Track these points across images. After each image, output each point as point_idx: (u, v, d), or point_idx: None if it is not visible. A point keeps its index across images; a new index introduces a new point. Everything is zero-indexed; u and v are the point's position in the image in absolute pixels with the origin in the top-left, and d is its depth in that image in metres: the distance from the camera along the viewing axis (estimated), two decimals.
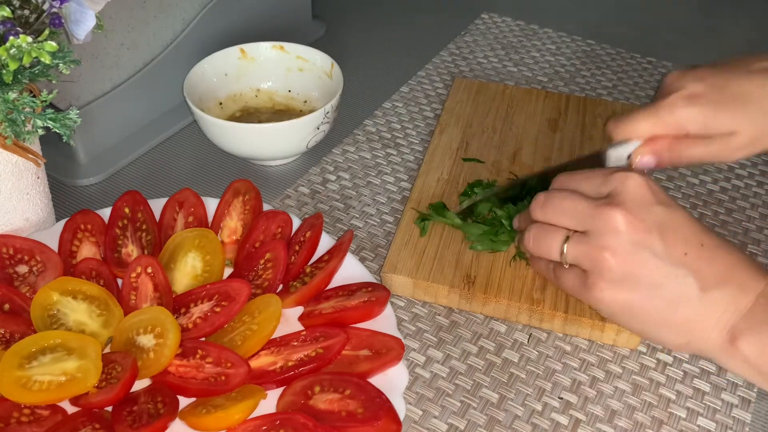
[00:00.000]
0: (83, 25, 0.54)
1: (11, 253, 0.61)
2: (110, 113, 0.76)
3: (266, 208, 0.68)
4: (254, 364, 0.55)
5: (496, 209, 0.67)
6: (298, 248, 0.64)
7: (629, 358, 0.61)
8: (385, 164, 0.79)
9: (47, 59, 0.51)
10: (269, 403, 0.53)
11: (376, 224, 0.72)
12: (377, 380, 0.54)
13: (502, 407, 0.57)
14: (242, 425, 0.51)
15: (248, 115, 0.81)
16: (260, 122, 0.79)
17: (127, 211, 0.66)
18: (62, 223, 0.65)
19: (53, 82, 0.56)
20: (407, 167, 0.78)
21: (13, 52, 0.50)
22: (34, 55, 0.51)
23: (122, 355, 0.55)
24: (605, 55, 0.97)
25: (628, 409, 0.57)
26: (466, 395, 0.58)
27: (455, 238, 0.67)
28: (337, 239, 0.65)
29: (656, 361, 0.60)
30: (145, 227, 0.65)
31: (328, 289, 0.61)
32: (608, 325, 0.60)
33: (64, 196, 0.74)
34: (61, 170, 0.76)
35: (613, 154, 0.62)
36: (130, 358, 0.54)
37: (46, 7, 0.54)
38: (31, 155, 0.60)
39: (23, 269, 0.61)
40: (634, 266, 0.51)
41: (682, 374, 0.60)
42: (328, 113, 0.73)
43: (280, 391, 0.54)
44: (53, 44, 0.51)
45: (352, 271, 0.62)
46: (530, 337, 0.62)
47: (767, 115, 0.57)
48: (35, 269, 0.61)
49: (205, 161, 0.79)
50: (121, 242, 0.64)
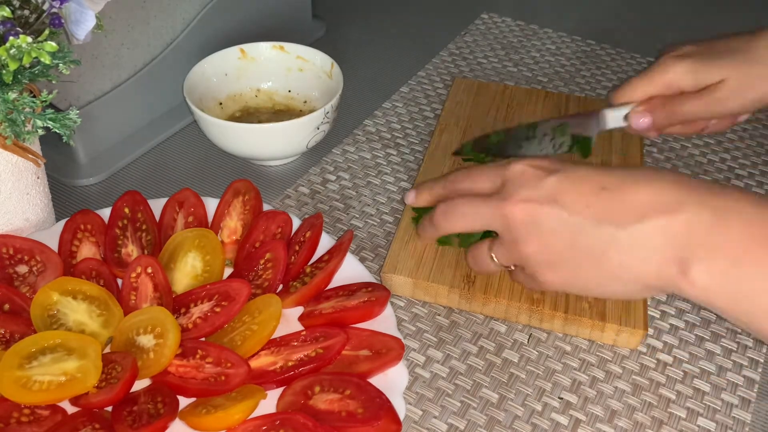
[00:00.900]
0: (83, 25, 0.54)
1: (11, 253, 0.61)
2: (110, 113, 0.76)
3: (266, 208, 0.68)
4: (254, 364, 0.55)
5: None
6: (298, 248, 0.64)
7: (629, 358, 0.61)
8: (385, 164, 0.79)
9: (47, 59, 0.51)
10: (269, 403, 0.53)
11: (376, 224, 0.72)
12: (377, 380, 0.54)
13: (502, 407, 0.57)
14: (242, 425, 0.51)
15: (248, 115, 0.81)
16: (260, 122, 0.79)
17: (127, 211, 0.66)
18: (62, 223, 0.65)
19: (53, 82, 0.56)
20: (407, 167, 0.78)
21: (13, 52, 0.50)
22: (34, 55, 0.51)
23: (122, 355, 0.55)
24: (605, 55, 0.97)
25: (628, 409, 0.57)
26: (466, 395, 0.58)
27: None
28: (337, 239, 0.65)
29: (656, 361, 0.60)
30: (145, 227, 0.65)
31: (328, 289, 0.61)
32: (608, 325, 0.60)
33: (64, 196, 0.74)
34: (61, 170, 0.76)
35: (609, 114, 0.64)
36: (130, 358, 0.54)
37: (46, 7, 0.54)
38: (31, 155, 0.60)
39: (23, 269, 0.61)
40: (549, 243, 0.51)
41: (682, 374, 0.60)
42: (328, 113, 0.73)
43: (280, 391, 0.54)
44: (53, 44, 0.51)
45: (352, 271, 0.62)
46: (530, 337, 0.62)
47: (753, 62, 0.59)
48: (35, 269, 0.61)
49: (205, 161, 0.79)
50: (121, 242, 0.64)
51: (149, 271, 0.60)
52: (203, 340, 0.57)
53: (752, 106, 0.61)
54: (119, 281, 0.61)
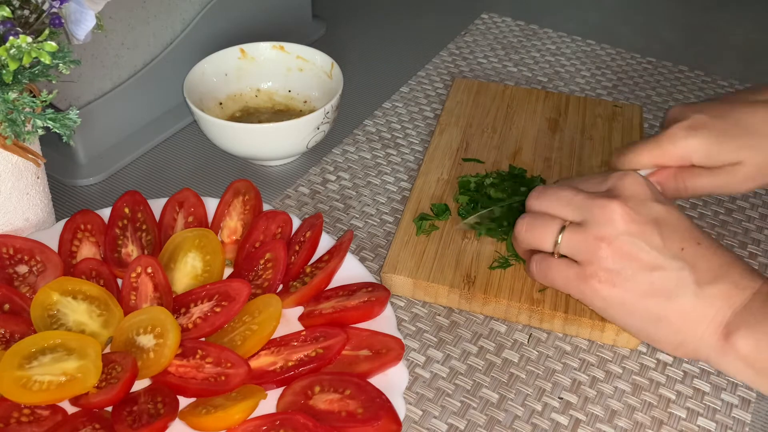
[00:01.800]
0: (83, 25, 0.54)
1: (11, 253, 0.61)
2: (110, 113, 0.76)
3: (266, 208, 0.68)
4: (254, 364, 0.55)
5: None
6: (298, 248, 0.64)
7: (629, 358, 0.61)
8: (385, 164, 0.79)
9: (47, 59, 0.51)
10: (269, 403, 0.53)
11: (376, 224, 0.72)
12: (377, 380, 0.54)
13: (502, 407, 0.57)
14: (242, 425, 0.51)
15: (248, 115, 0.81)
16: (260, 122, 0.79)
17: (127, 211, 0.66)
18: (62, 223, 0.65)
19: (53, 82, 0.56)
20: (407, 167, 0.78)
21: (13, 52, 0.50)
22: (34, 55, 0.51)
23: (122, 355, 0.55)
24: (605, 55, 0.97)
25: (628, 409, 0.57)
26: (466, 395, 0.58)
27: (455, 238, 0.67)
28: (337, 239, 0.65)
29: (656, 361, 0.60)
30: (145, 227, 0.65)
31: (328, 289, 0.61)
32: (608, 325, 0.60)
33: (64, 196, 0.74)
34: (61, 170, 0.76)
35: None
36: (130, 358, 0.54)
37: (46, 7, 0.54)
38: (31, 155, 0.60)
39: (23, 269, 0.61)
40: (630, 257, 0.51)
41: (682, 374, 0.60)
42: (328, 113, 0.73)
43: (280, 391, 0.54)
44: (53, 44, 0.51)
45: (352, 271, 0.62)
46: (530, 337, 0.62)
47: None
48: (35, 269, 0.61)
49: (205, 161, 0.79)
50: (121, 242, 0.64)
51: (149, 271, 0.60)
52: (203, 340, 0.57)
53: (767, 186, 0.59)
54: (119, 281, 0.61)
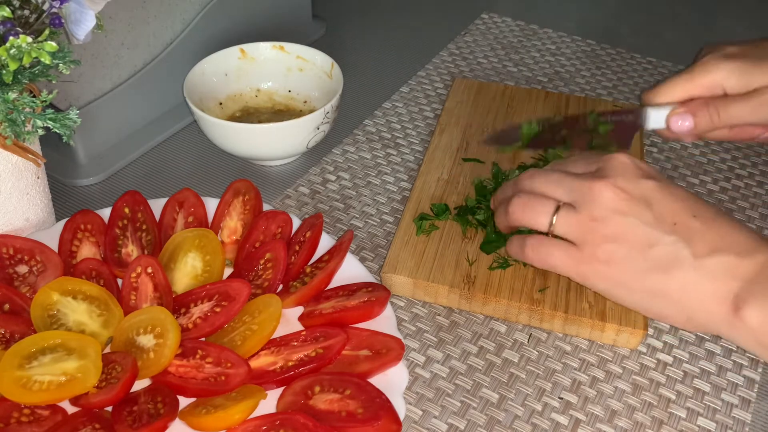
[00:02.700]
0: (83, 25, 0.54)
1: (11, 253, 0.61)
2: (110, 113, 0.76)
3: (266, 208, 0.68)
4: (254, 364, 0.55)
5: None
6: (298, 248, 0.64)
7: (629, 358, 0.61)
8: (385, 164, 0.79)
9: (47, 59, 0.51)
10: (269, 403, 0.53)
11: (376, 224, 0.72)
12: (377, 380, 0.54)
13: (502, 407, 0.57)
14: (242, 425, 0.51)
15: (248, 115, 0.81)
16: (260, 122, 0.79)
17: (127, 211, 0.66)
18: (62, 223, 0.65)
19: (53, 82, 0.56)
20: (407, 167, 0.78)
21: (13, 52, 0.50)
22: (34, 55, 0.51)
23: (122, 355, 0.55)
24: (605, 55, 0.97)
25: (628, 409, 0.57)
26: (466, 395, 0.58)
27: (455, 238, 0.66)
28: (337, 239, 0.65)
29: (656, 361, 0.60)
30: (145, 227, 0.65)
31: (328, 289, 0.61)
32: (608, 325, 0.60)
33: (64, 196, 0.74)
34: (61, 170, 0.76)
35: (652, 113, 0.59)
36: (130, 358, 0.54)
37: (46, 7, 0.54)
38: (31, 155, 0.60)
39: (23, 269, 0.61)
40: (624, 236, 0.51)
41: (682, 374, 0.60)
42: (328, 113, 0.73)
43: (280, 391, 0.54)
44: (53, 44, 0.51)
45: (352, 271, 0.62)
46: (530, 337, 0.62)
47: None
48: (35, 269, 0.61)
49: (205, 161, 0.79)
50: (121, 242, 0.64)
51: (149, 271, 0.60)
52: (203, 340, 0.57)
53: None
54: (119, 281, 0.61)
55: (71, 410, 0.53)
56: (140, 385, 0.55)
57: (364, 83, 0.91)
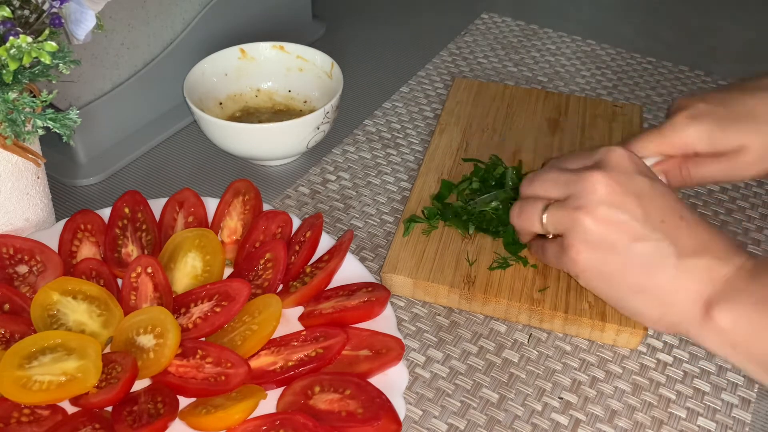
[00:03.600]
0: (83, 25, 0.54)
1: (11, 253, 0.61)
2: (110, 113, 0.76)
3: (266, 208, 0.68)
4: (254, 364, 0.55)
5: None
6: (298, 248, 0.64)
7: (629, 358, 0.61)
8: (385, 164, 0.79)
9: (47, 59, 0.51)
10: (269, 403, 0.53)
11: (376, 224, 0.72)
12: (377, 380, 0.54)
13: (502, 407, 0.57)
14: (242, 425, 0.51)
15: (248, 115, 0.81)
16: (260, 122, 0.79)
17: (127, 211, 0.66)
18: (62, 223, 0.65)
19: (53, 82, 0.56)
20: (407, 167, 0.78)
21: (13, 52, 0.50)
22: (34, 55, 0.51)
23: (122, 355, 0.55)
24: (605, 55, 0.97)
25: (628, 409, 0.57)
26: (466, 395, 0.58)
27: (455, 238, 0.66)
28: (337, 239, 0.65)
29: (656, 361, 0.60)
30: (145, 227, 0.65)
31: (328, 289, 0.61)
32: (608, 325, 0.60)
33: (64, 196, 0.74)
34: (61, 170, 0.76)
35: None
36: (130, 358, 0.54)
37: (46, 7, 0.54)
38: (31, 155, 0.60)
39: (23, 269, 0.61)
40: (610, 227, 0.51)
41: (682, 374, 0.60)
42: (328, 113, 0.73)
43: (280, 391, 0.54)
44: (53, 44, 0.51)
45: (352, 271, 0.62)
46: (530, 337, 0.62)
47: None
48: (35, 269, 0.61)
49: (205, 161, 0.79)
50: (121, 242, 0.64)
51: (149, 271, 0.60)
52: (203, 340, 0.57)
53: None
54: (119, 281, 0.61)
55: (71, 410, 0.53)
56: (140, 385, 0.55)
57: (364, 83, 0.91)
